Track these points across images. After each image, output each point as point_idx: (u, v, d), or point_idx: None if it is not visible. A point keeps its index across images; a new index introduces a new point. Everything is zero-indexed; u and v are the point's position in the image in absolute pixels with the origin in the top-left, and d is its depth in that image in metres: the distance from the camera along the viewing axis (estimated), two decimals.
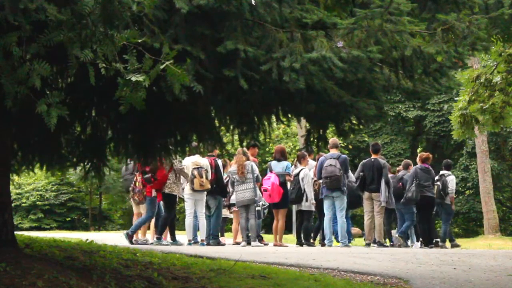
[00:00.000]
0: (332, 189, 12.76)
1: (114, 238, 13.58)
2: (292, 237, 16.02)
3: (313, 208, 13.27)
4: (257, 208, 12.87)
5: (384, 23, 5.30)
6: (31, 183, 34.16)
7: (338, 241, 13.30)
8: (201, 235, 12.91)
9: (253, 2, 5.05)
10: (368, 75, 5.58)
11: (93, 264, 5.92)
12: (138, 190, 11.83)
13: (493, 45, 12.00)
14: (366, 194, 13.58)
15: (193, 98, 5.01)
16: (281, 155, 13.36)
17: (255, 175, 12.83)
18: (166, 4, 4.77)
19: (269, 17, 5.13)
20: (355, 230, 19.28)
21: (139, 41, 4.19)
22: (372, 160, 13.56)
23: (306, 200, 13.05)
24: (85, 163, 7.20)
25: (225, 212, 14.09)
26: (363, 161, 14.11)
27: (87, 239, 8.46)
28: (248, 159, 12.83)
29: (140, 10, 4.21)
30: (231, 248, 11.81)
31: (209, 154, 12.52)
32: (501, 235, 24.50)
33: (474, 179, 30.63)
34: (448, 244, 14.60)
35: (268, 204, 13.04)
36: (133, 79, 4.04)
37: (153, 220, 12.74)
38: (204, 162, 12.50)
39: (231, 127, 6.76)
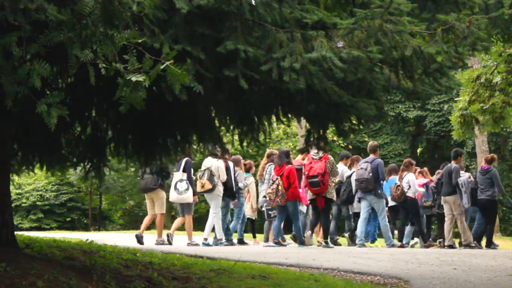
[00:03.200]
0: (365, 192, 12.96)
1: (114, 238, 13.58)
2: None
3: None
4: (263, 208, 12.94)
5: (384, 23, 5.30)
6: (31, 183, 34.14)
7: (370, 242, 13.60)
8: (205, 234, 12.99)
9: (253, 2, 5.05)
10: (368, 75, 5.58)
11: (93, 264, 5.92)
12: (281, 193, 11.93)
13: (493, 45, 12.00)
14: (442, 198, 13.83)
15: (193, 98, 5.01)
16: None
17: (271, 176, 12.84)
18: (166, 4, 4.77)
19: (269, 17, 5.13)
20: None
21: (139, 41, 4.19)
22: (449, 165, 13.79)
23: (359, 202, 13.30)
24: (85, 163, 7.20)
25: (249, 213, 14.27)
26: (443, 165, 14.42)
27: (87, 239, 8.46)
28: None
29: (140, 10, 4.21)
30: (231, 248, 11.81)
31: (220, 156, 12.65)
32: (501, 235, 24.49)
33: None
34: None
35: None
36: (133, 79, 4.04)
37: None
38: (214, 164, 12.58)
39: (231, 127, 6.76)
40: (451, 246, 13.54)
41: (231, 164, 12.93)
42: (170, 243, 12.51)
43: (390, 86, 5.96)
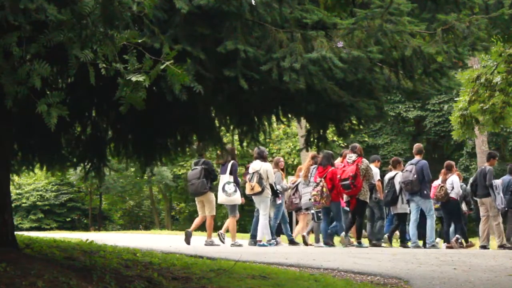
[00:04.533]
0: (411, 193, 13.26)
1: (114, 238, 13.58)
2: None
3: (407, 210, 13.76)
4: (311, 211, 13.16)
5: (384, 23, 5.30)
6: (31, 183, 34.15)
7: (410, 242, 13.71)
8: (258, 235, 13.17)
9: (253, 2, 5.05)
10: (368, 75, 5.58)
11: (93, 264, 5.92)
12: (326, 194, 12.35)
13: (493, 46, 12.01)
14: (478, 200, 14.01)
15: (193, 98, 5.01)
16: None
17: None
18: (166, 4, 4.77)
19: (269, 17, 5.13)
20: None
21: (139, 41, 4.19)
22: (483, 168, 13.97)
23: (402, 203, 13.58)
24: (85, 163, 7.20)
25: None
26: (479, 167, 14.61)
27: (87, 239, 8.46)
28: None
29: (140, 10, 4.21)
30: (231, 248, 11.81)
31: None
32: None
33: None
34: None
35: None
36: (133, 79, 4.04)
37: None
38: (263, 167, 12.84)
39: (231, 127, 6.76)
40: (484, 247, 13.71)
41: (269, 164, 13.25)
42: (222, 242, 13.04)
43: (390, 86, 5.96)
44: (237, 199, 12.96)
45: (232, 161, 12.78)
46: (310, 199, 12.82)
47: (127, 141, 7.04)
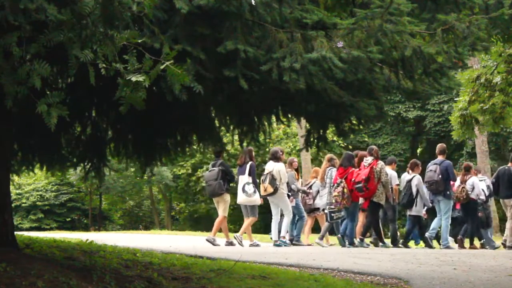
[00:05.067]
0: (435, 194, 13.31)
1: (114, 238, 13.58)
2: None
3: (421, 213, 13.87)
4: (325, 211, 13.23)
5: (384, 23, 5.30)
6: (31, 184, 34.15)
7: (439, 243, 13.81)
8: (276, 234, 13.28)
9: (253, 2, 5.05)
10: (368, 75, 5.58)
11: (93, 264, 5.92)
12: (346, 195, 12.49)
13: (493, 46, 12.01)
14: (501, 201, 14.08)
15: (193, 98, 5.01)
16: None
17: (332, 180, 13.16)
18: (166, 4, 4.77)
19: (269, 17, 5.13)
20: None
21: (139, 41, 4.19)
22: (506, 168, 13.98)
23: (416, 205, 13.63)
24: (85, 163, 7.20)
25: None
26: (499, 168, 14.57)
27: (87, 239, 8.46)
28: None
29: (140, 10, 4.20)
30: (231, 248, 11.81)
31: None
32: (501, 235, 24.47)
33: None
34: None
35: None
36: (133, 79, 4.03)
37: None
38: (275, 167, 12.93)
39: (231, 127, 6.76)
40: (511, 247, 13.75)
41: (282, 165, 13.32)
42: (240, 244, 13.05)
43: (390, 86, 5.97)
44: (257, 199, 13.09)
45: (250, 162, 12.95)
46: (332, 201, 12.90)
47: (127, 141, 7.04)
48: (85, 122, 6.90)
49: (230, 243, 13.03)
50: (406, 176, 14.00)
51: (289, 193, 13.39)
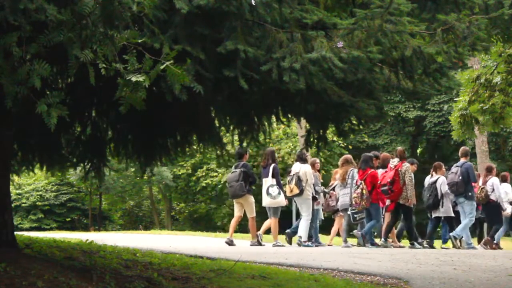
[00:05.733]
0: (457, 195, 13.45)
1: (114, 238, 13.58)
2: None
3: (450, 213, 13.95)
4: (348, 212, 13.30)
5: (384, 23, 5.30)
6: (31, 184, 34.16)
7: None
8: (303, 236, 13.36)
9: (253, 2, 5.05)
10: (368, 75, 5.58)
11: (93, 264, 5.92)
12: (366, 196, 12.72)
13: (493, 46, 12.01)
14: None
15: (193, 98, 5.01)
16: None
17: (354, 180, 13.28)
18: (166, 4, 4.77)
19: (269, 17, 5.14)
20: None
21: (139, 41, 4.19)
22: None
23: (442, 206, 13.80)
24: (85, 163, 7.20)
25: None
26: None
27: (87, 239, 8.46)
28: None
29: (140, 10, 4.20)
30: (232, 249, 11.81)
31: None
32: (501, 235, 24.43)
33: None
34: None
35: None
36: (133, 79, 4.03)
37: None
38: (302, 169, 13.04)
39: (231, 127, 6.76)
40: None
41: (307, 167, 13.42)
42: (260, 243, 13.16)
43: (390, 86, 5.97)
44: (282, 201, 13.20)
45: (273, 164, 13.06)
46: (351, 203, 13.05)
47: (127, 141, 7.04)
48: (85, 122, 6.90)
49: (256, 244, 13.11)
50: (429, 178, 14.19)
51: (316, 196, 13.51)
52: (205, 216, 37.72)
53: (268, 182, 13.06)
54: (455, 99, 18.96)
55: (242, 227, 30.08)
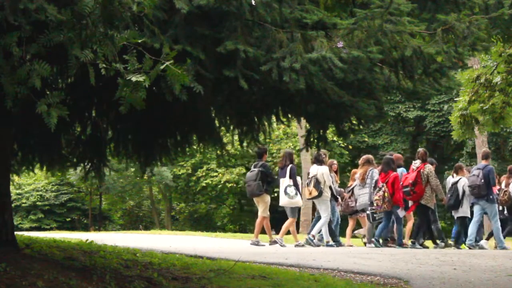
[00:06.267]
0: (478, 197, 13.52)
1: (114, 238, 13.59)
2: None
3: (468, 214, 14.04)
4: (367, 212, 13.41)
5: (384, 23, 5.30)
6: (31, 184, 34.16)
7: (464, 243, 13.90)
8: (325, 236, 13.45)
9: (253, 2, 5.05)
10: (368, 75, 5.58)
11: (93, 264, 5.92)
12: (387, 199, 12.77)
13: (493, 46, 12.00)
14: None
15: (193, 98, 5.01)
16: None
17: (373, 181, 13.35)
18: (166, 4, 4.77)
19: (269, 17, 5.13)
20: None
21: (139, 41, 4.19)
22: None
23: (462, 206, 13.90)
24: (85, 163, 7.20)
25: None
26: None
27: (87, 239, 8.46)
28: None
29: (140, 10, 4.20)
30: (231, 248, 11.82)
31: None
32: None
33: None
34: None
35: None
36: (133, 79, 4.03)
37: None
38: (319, 170, 13.09)
39: (231, 127, 6.76)
40: None
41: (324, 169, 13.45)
42: (275, 243, 13.16)
43: (390, 86, 5.97)
44: (299, 201, 13.32)
45: (290, 165, 13.17)
46: (371, 203, 13.09)
47: (127, 141, 7.04)
48: (85, 122, 6.90)
49: (274, 242, 13.15)
50: (451, 179, 14.32)
51: (338, 196, 13.58)
52: (205, 216, 37.74)
53: (285, 182, 13.15)
54: (455, 99, 18.96)
55: (242, 227, 30.05)
